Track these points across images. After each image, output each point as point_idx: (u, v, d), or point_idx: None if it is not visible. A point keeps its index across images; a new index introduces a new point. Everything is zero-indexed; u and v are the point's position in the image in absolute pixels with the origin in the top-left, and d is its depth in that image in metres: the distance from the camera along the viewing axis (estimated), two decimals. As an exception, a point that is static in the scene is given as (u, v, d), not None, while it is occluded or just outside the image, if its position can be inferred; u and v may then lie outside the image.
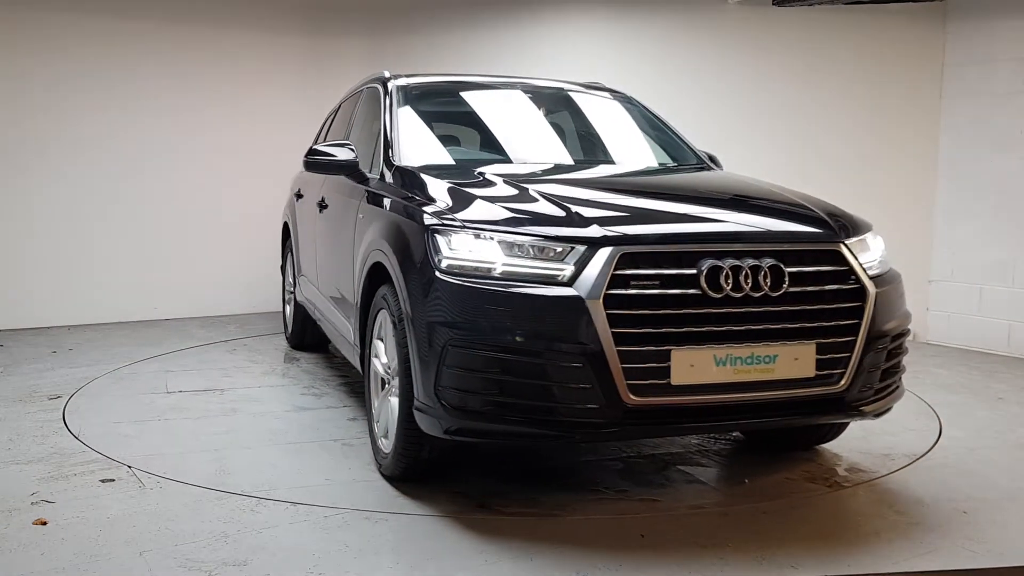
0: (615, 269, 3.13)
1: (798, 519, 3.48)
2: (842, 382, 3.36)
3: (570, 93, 5.24)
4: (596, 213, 3.48)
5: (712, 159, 4.91)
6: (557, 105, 5.16)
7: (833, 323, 3.35)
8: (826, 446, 4.32)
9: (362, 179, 4.48)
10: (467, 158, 4.60)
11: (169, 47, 7.85)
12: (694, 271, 3.20)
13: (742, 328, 3.22)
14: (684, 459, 4.20)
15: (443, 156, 4.54)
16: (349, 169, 4.52)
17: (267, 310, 8.24)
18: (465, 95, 5.17)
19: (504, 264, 3.22)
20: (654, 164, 4.85)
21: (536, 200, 3.60)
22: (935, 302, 7.35)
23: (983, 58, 7.00)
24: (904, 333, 3.69)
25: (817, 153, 7.62)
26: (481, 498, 3.63)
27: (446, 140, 4.78)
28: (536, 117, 5.07)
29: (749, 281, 3.22)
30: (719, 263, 3.21)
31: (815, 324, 3.31)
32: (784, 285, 3.27)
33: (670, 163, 4.82)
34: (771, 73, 7.66)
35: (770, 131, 7.67)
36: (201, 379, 5.71)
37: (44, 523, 3.29)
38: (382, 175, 4.28)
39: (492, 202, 3.60)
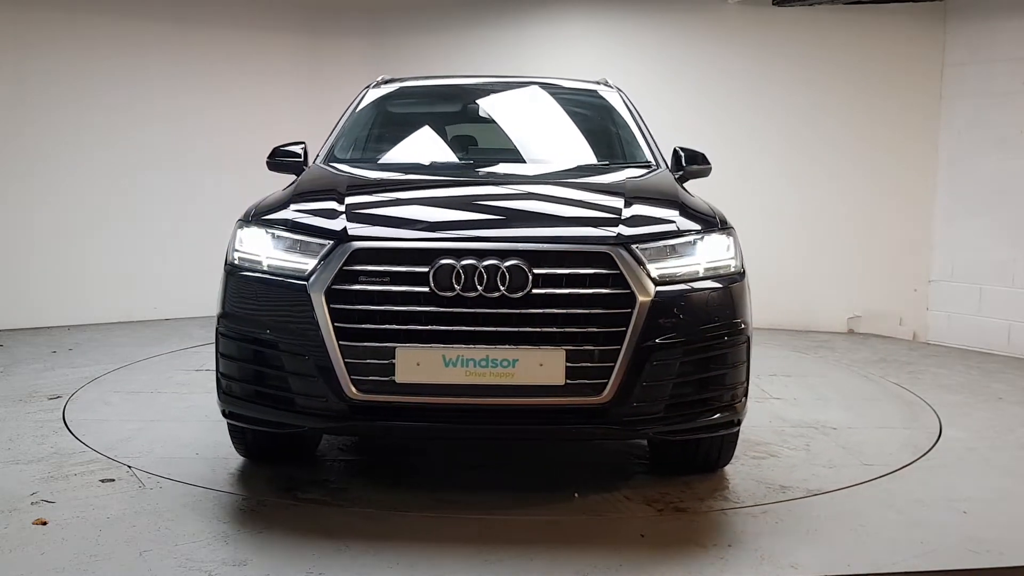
0: (345, 265, 3.20)
1: (799, 520, 3.47)
2: (604, 394, 3.17)
3: (545, 91, 5.10)
4: (366, 212, 3.52)
5: (691, 158, 4.49)
6: (525, 104, 5.04)
7: (588, 329, 3.16)
8: (726, 468, 3.95)
9: None
10: (379, 159, 4.60)
11: (169, 47, 7.85)
12: (426, 269, 3.17)
13: (473, 329, 3.15)
14: (573, 469, 4.04)
15: (357, 156, 4.57)
16: (296, 169, 4.55)
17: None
18: (435, 97, 5.18)
19: (268, 258, 3.41)
20: (566, 162, 4.58)
21: (341, 201, 3.54)
22: (935, 302, 7.35)
23: (983, 58, 7.00)
24: (717, 347, 3.38)
25: (816, 152, 7.62)
26: (289, 484, 3.71)
27: (376, 141, 4.77)
28: (494, 116, 4.98)
29: (484, 281, 3.13)
30: (452, 262, 3.15)
31: (565, 329, 3.16)
32: (527, 287, 3.14)
33: (596, 162, 4.58)
34: (770, 72, 7.66)
35: (769, 130, 7.67)
36: None
37: (44, 523, 3.28)
38: None
39: (306, 204, 3.62)
